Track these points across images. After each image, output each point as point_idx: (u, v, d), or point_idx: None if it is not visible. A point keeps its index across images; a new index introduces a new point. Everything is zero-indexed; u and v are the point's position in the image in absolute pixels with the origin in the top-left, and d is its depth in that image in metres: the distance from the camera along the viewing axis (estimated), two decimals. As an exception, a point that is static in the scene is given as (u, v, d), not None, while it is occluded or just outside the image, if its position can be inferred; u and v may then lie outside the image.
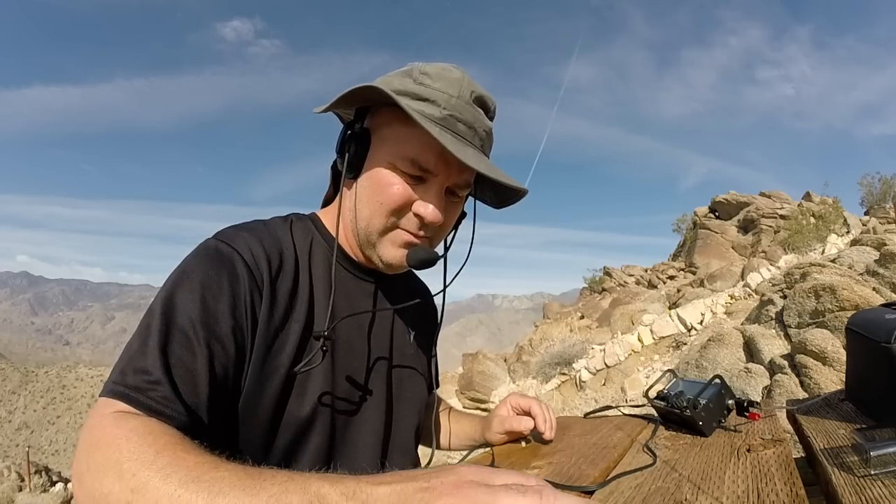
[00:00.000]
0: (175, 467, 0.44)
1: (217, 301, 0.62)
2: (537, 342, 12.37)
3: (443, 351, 0.99)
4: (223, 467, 0.44)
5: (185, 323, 0.60)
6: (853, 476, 0.61)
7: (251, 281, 0.66)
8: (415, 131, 0.69)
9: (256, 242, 0.69)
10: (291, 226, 0.78)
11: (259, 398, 0.67)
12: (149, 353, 0.57)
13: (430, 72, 0.71)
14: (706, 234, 17.22)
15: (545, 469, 0.77)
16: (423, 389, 0.93)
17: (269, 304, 0.68)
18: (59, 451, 50.10)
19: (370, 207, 0.74)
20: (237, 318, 0.64)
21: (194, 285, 0.62)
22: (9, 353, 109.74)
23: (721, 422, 0.91)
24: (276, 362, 0.68)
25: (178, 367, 0.58)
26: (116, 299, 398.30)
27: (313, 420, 0.72)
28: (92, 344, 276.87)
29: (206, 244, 0.68)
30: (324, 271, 0.77)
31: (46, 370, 62.92)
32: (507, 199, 0.85)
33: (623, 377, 8.59)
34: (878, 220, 13.64)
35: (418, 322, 0.94)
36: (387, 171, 0.72)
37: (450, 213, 0.77)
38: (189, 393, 0.58)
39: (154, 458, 0.45)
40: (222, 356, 0.62)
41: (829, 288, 4.74)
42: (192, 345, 0.59)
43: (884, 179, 15.94)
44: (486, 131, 0.75)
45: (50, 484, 12.07)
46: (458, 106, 0.70)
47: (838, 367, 4.08)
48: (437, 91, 0.69)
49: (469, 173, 0.75)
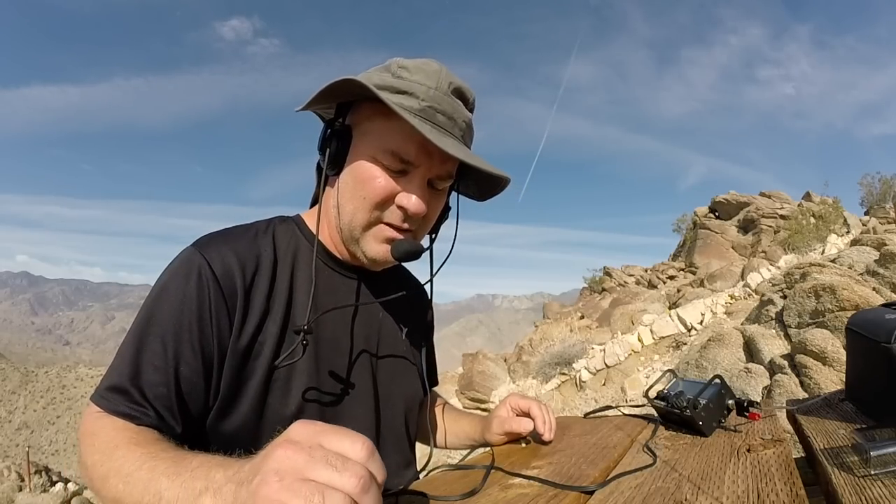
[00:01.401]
0: (126, 459, 0.55)
1: (185, 314, 0.67)
2: (537, 342, 12.38)
3: (443, 351, 0.99)
4: (160, 456, 0.53)
5: (157, 334, 0.67)
6: (853, 476, 0.61)
7: (217, 291, 0.69)
8: (395, 124, 0.70)
9: (230, 251, 0.72)
10: (274, 229, 0.79)
11: (238, 398, 0.71)
12: (123, 362, 0.66)
13: (408, 66, 0.72)
14: (706, 234, 17.22)
15: (545, 469, 0.77)
16: (417, 385, 0.93)
17: (242, 311, 0.71)
18: (59, 451, 50.11)
19: (353, 202, 0.74)
20: (203, 328, 0.68)
21: (168, 298, 0.68)
22: (9, 353, 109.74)
23: (721, 422, 0.91)
24: (254, 364, 0.71)
25: (148, 374, 0.65)
26: (116, 299, 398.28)
27: (299, 417, 0.73)
28: (92, 344, 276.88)
29: (182, 254, 0.71)
30: (306, 271, 0.78)
31: (46, 370, 62.91)
32: (491, 191, 0.86)
33: (623, 377, 8.59)
34: (878, 220, 13.64)
35: (411, 318, 0.94)
36: (369, 165, 0.73)
37: (433, 205, 0.78)
38: (158, 396, 0.65)
39: (113, 451, 0.57)
40: (192, 362, 0.68)
41: (829, 288, 4.74)
42: (163, 353, 0.66)
43: (884, 179, 15.96)
44: (466, 122, 0.75)
45: (50, 484, 12.07)
46: (437, 97, 0.71)
47: (838, 367, 4.08)
48: (415, 84, 0.70)
49: (451, 163, 0.75)
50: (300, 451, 0.39)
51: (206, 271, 0.69)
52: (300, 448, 0.39)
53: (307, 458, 0.38)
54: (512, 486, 0.70)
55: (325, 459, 0.38)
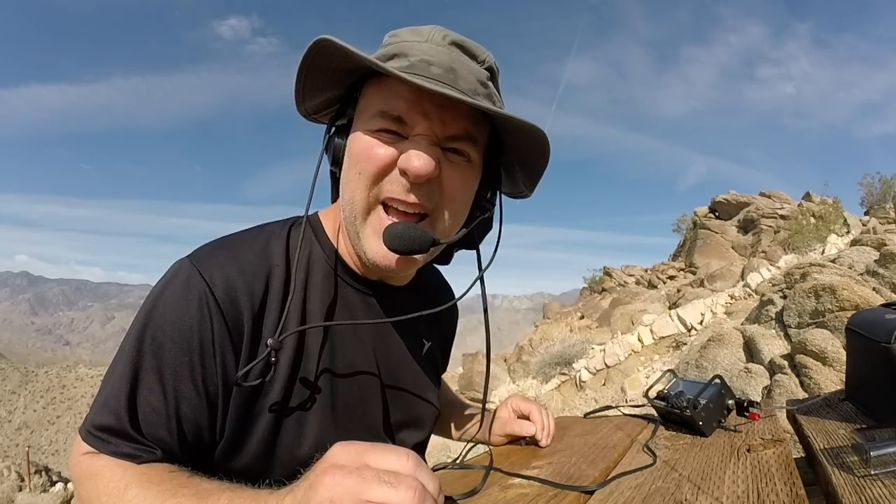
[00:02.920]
0: (141, 499, 0.51)
1: (185, 348, 0.59)
2: (537, 342, 12.37)
3: (443, 351, 0.98)
4: (180, 493, 0.50)
5: (153, 367, 0.59)
6: (853, 476, 0.61)
7: (221, 323, 0.60)
8: (384, 87, 0.63)
9: (234, 269, 0.62)
10: (289, 235, 0.70)
11: (247, 438, 0.64)
12: (116, 398, 0.58)
13: (399, 32, 0.65)
14: (706, 234, 17.21)
15: (545, 469, 0.77)
16: (434, 406, 0.86)
17: (249, 342, 0.62)
18: (58, 451, 50.09)
19: (351, 183, 0.65)
20: (206, 366, 0.60)
21: (163, 326, 0.59)
22: (9, 353, 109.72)
23: (721, 422, 0.91)
24: (263, 402, 0.64)
25: (145, 413, 0.59)
26: (116, 299, 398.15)
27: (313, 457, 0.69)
28: (92, 344, 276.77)
29: (178, 270, 0.62)
30: (321, 291, 0.70)
31: (46, 370, 62.87)
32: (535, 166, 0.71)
33: (623, 377, 8.59)
34: (878, 220, 13.64)
35: (437, 331, 0.88)
36: (362, 136, 0.64)
37: (449, 174, 0.64)
38: (157, 437, 0.59)
39: (124, 491, 0.52)
40: (193, 400, 0.60)
41: (829, 288, 4.74)
42: (162, 390, 0.59)
43: (884, 179, 15.95)
44: (477, 78, 0.63)
45: (50, 484, 12.07)
46: (429, 49, 0.61)
47: (838, 367, 4.08)
48: (405, 43, 0.62)
49: (464, 121, 0.63)
50: (349, 474, 0.38)
51: (209, 298, 0.59)
52: (348, 472, 0.39)
53: (359, 480, 0.38)
54: (512, 487, 0.70)
55: (378, 478, 0.38)
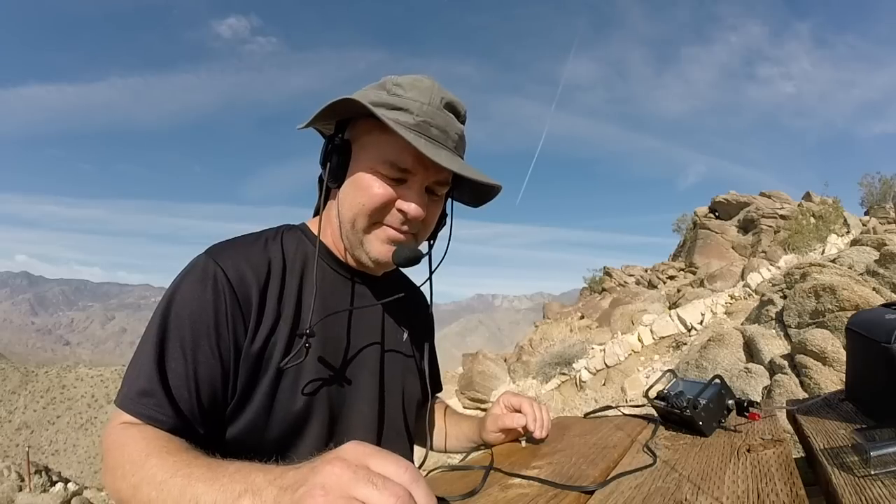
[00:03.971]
0: (159, 467, 0.56)
1: (203, 319, 0.70)
2: (537, 342, 12.38)
3: (443, 351, 0.99)
4: (195, 464, 0.55)
5: (176, 339, 0.70)
6: (853, 476, 0.61)
7: (233, 298, 0.72)
8: (392, 137, 0.75)
9: (243, 259, 0.76)
10: (282, 236, 0.84)
11: (251, 397, 0.74)
12: (147, 366, 0.68)
13: (402, 83, 0.78)
14: (706, 234, 17.21)
15: (545, 469, 0.77)
16: (417, 386, 0.96)
17: (257, 314, 0.75)
18: (59, 451, 50.09)
19: (353, 209, 0.79)
20: (220, 332, 0.71)
21: (185, 304, 0.71)
22: (9, 353, 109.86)
23: (721, 422, 0.91)
24: (266, 364, 0.75)
25: (171, 378, 0.68)
26: (116, 299, 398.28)
27: (308, 413, 0.78)
28: (92, 344, 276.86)
29: (196, 262, 0.74)
30: (313, 275, 0.82)
31: (46, 370, 62.87)
32: (484, 197, 0.92)
33: (623, 377, 8.59)
34: (878, 220, 13.64)
35: (412, 321, 0.99)
36: (368, 175, 0.78)
37: (431, 210, 0.83)
38: (181, 399, 0.68)
39: (145, 460, 0.58)
40: (211, 365, 0.71)
41: (829, 288, 4.74)
42: (183, 357, 0.69)
43: (884, 179, 15.94)
44: (459, 134, 0.82)
45: (50, 484, 12.07)
46: (430, 112, 0.76)
47: (838, 367, 4.08)
48: (409, 100, 0.76)
49: (446, 172, 0.80)
50: (347, 468, 0.42)
51: (222, 279, 0.72)
52: (347, 466, 0.42)
53: (352, 476, 0.41)
54: (512, 487, 0.70)
55: (369, 479, 0.41)
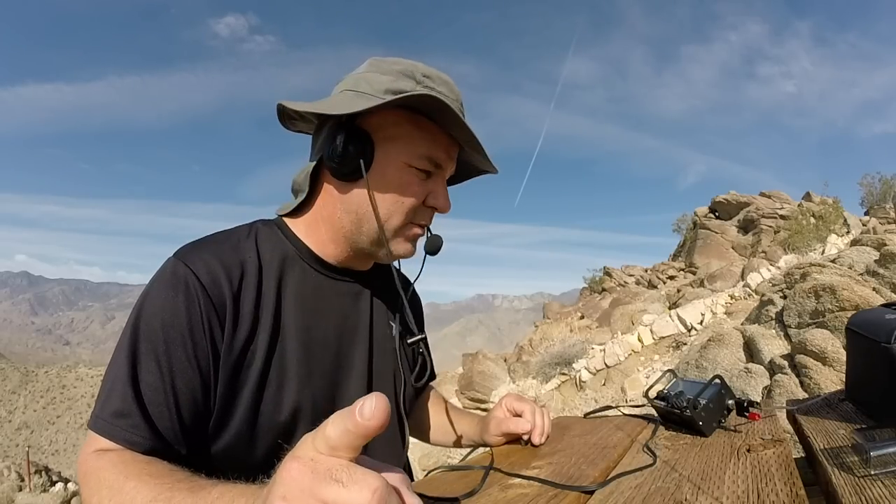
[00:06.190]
0: (138, 491, 0.54)
1: (176, 327, 0.66)
2: (537, 342, 12.38)
3: (443, 351, 0.99)
4: (177, 487, 0.52)
5: (149, 350, 0.65)
6: (853, 476, 0.61)
7: (207, 302, 0.67)
8: (425, 130, 0.74)
9: (215, 260, 0.70)
10: (256, 234, 0.78)
11: (233, 409, 0.70)
12: (120, 383, 0.64)
13: (430, 74, 0.75)
14: (706, 234, 17.22)
15: (545, 469, 0.77)
16: (409, 380, 0.93)
17: (232, 320, 0.70)
18: (59, 451, 50.10)
19: (389, 208, 0.76)
20: (196, 340, 0.66)
21: (157, 312, 0.66)
22: (9, 353, 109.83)
23: (721, 422, 0.91)
24: (247, 373, 0.71)
25: (147, 394, 0.64)
26: (116, 299, 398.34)
27: (294, 423, 0.74)
28: (92, 344, 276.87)
29: (165, 266, 0.70)
30: (294, 276, 0.78)
31: (46, 370, 62.87)
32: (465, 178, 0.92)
33: (623, 377, 8.59)
34: (878, 220, 13.65)
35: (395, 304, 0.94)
36: (405, 171, 0.75)
37: None
38: (160, 416, 0.64)
39: (123, 483, 0.56)
40: (188, 375, 0.66)
41: (829, 288, 4.74)
42: (158, 369, 0.65)
43: (884, 179, 15.95)
44: None
45: (50, 484, 12.06)
46: (456, 107, 0.74)
47: (838, 367, 4.08)
48: (444, 96, 0.73)
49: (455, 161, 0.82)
50: (304, 468, 0.37)
51: (194, 282, 0.67)
52: (304, 465, 0.37)
53: (311, 477, 0.36)
54: (512, 487, 0.70)
55: (330, 474, 0.36)
